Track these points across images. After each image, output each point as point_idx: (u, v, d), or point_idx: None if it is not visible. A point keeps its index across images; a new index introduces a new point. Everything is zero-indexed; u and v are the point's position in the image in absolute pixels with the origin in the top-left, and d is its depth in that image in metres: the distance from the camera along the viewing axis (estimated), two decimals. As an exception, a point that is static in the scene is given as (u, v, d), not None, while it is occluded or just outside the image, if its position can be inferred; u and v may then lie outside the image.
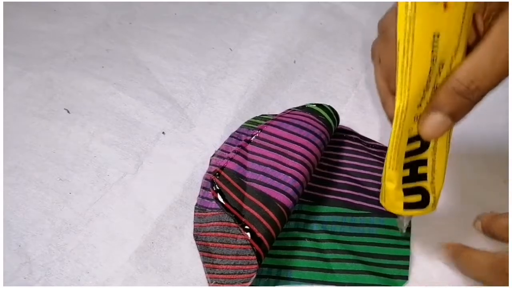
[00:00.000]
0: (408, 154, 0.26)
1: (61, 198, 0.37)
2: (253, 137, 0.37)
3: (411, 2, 0.21)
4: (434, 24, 0.21)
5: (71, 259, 0.34)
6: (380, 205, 0.33)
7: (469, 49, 0.23)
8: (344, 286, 0.33)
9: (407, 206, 0.28)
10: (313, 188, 0.38)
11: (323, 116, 0.37)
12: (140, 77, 0.46)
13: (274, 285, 0.33)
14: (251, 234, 0.31)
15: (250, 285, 0.31)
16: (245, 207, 0.33)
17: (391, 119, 0.24)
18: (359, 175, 0.39)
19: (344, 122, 0.42)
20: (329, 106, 0.39)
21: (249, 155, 0.36)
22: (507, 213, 0.32)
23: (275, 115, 0.41)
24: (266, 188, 0.33)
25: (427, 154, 0.26)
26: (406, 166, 0.27)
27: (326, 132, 0.37)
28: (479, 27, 0.23)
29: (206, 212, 0.36)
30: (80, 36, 0.50)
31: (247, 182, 0.34)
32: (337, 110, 0.39)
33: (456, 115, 0.23)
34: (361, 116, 0.43)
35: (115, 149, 0.40)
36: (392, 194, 0.28)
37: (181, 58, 0.48)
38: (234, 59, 0.48)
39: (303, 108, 0.39)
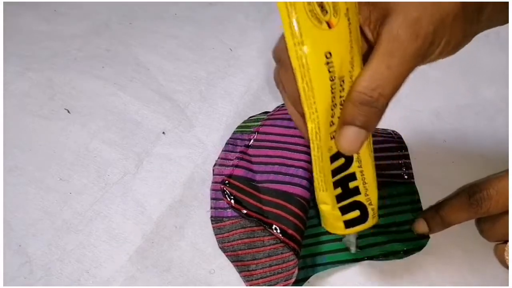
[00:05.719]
0: (335, 172, 0.26)
1: (61, 198, 0.37)
2: (251, 141, 0.37)
3: (297, 28, 0.20)
4: (323, 44, 0.21)
5: (71, 259, 0.34)
6: (385, 176, 0.32)
7: (364, 60, 0.23)
8: (374, 259, 0.34)
9: (348, 224, 0.28)
10: None
11: None
12: (140, 77, 0.46)
13: (313, 274, 0.33)
14: (282, 233, 0.31)
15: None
16: (266, 208, 0.33)
17: (308, 141, 0.24)
18: None
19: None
20: None
21: (253, 159, 0.36)
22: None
23: (265, 112, 0.41)
24: (281, 186, 0.34)
25: (353, 168, 0.26)
26: (336, 184, 0.27)
27: None
28: (369, 37, 0.23)
29: (224, 221, 0.35)
30: (80, 36, 0.50)
31: (259, 185, 0.34)
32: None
33: (368, 125, 0.23)
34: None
35: (115, 149, 0.40)
36: (330, 215, 0.28)
37: (181, 58, 0.48)
38: (234, 59, 0.48)
39: None
